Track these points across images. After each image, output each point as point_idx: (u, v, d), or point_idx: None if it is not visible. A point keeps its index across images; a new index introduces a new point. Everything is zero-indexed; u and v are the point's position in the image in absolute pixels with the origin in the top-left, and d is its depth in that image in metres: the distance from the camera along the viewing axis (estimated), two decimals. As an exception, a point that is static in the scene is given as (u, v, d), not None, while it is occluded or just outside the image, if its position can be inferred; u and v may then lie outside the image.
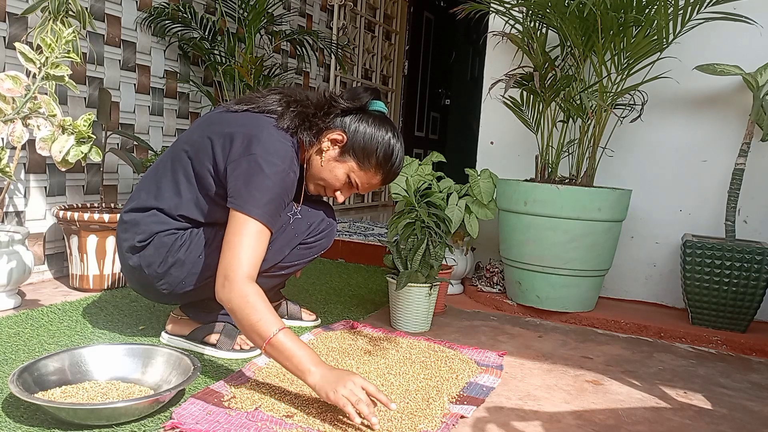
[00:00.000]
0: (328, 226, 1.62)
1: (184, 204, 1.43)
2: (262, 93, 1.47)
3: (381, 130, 1.45)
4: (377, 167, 1.46)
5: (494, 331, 1.97)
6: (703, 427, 1.32)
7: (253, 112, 1.41)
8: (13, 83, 1.50)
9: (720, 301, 1.98)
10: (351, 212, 4.43)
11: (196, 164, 1.41)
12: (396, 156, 1.48)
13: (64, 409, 1.11)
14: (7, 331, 1.62)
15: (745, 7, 2.01)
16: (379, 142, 1.44)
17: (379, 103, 1.51)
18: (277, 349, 1.19)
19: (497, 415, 1.31)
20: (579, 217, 2.04)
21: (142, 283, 1.51)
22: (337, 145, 1.45)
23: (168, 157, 1.48)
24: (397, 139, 1.47)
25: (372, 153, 1.44)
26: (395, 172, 1.51)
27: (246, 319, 1.21)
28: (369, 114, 1.47)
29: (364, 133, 1.44)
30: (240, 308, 1.22)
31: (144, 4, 2.58)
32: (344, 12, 4.18)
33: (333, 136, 1.43)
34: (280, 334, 1.19)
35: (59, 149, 1.53)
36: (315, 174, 1.49)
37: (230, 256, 1.26)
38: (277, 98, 1.44)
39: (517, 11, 2.24)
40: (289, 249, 1.53)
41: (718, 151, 2.23)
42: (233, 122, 1.40)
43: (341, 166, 1.46)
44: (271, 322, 1.20)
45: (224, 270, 1.25)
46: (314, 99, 1.46)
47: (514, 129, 2.50)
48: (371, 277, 2.64)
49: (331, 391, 1.15)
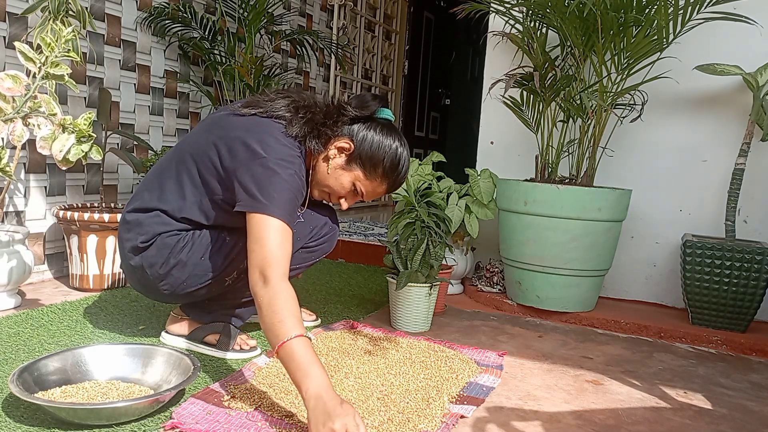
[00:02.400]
0: (330, 230, 1.62)
1: (187, 207, 1.43)
2: (270, 96, 1.44)
3: (388, 138, 1.44)
4: (383, 176, 1.45)
5: (494, 331, 1.97)
6: (703, 427, 1.32)
7: (260, 116, 1.39)
8: (13, 82, 1.50)
9: (720, 301, 1.98)
10: (351, 212, 4.43)
11: (201, 168, 1.40)
12: (402, 165, 1.47)
13: (64, 408, 1.11)
14: (7, 331, 1.62)
15: (745, 7, 2.01)
16: (386, 151, 1.43)
17: (386, 111, 1.50)
18: (288, 355, 1.13)
19: (497, 415, 1.31)
20: (579, 217, 2.04)
21: (143, 283, 1.51)
22: (344, 153, 1.43)
23: (172, 159, 1.46)
24: (404, 148, 1.46)
25: (379, 162, 1.43)
26: (400, 181, 1.50)
27: (270, 316, 1.17)
28: (377, 122, 1.45)
29: (371, 141, 1.42)
30: (269, 304, 1.18)
31: (144, 4, 2.58)
32: (344, 12, 4.18)
33: (340, 144, 1.42)
34: (296, 341, 1.13)
35: (60, 148, 1.53)
36: (321, 181, 1.47)
37: (264, 252, 1.22)
38: (285, 103, 1.41)
39: (517, 11, 2.24)
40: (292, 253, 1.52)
41: (718, 151, 2.23)
42: (240, 127, 1.37)
43: (347, 174, 1.45)
44: (293, 325, 1.15)
45: (260, 265, 1.21)
46: (322, 105, 1.44)
47: (514, 129, 2.50)
48: (371, 277, 2.64)
49: (321, 423, 1.05)
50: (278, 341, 1.14)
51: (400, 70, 5.16)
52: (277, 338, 1.14)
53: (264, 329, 1.19)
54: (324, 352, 1.59)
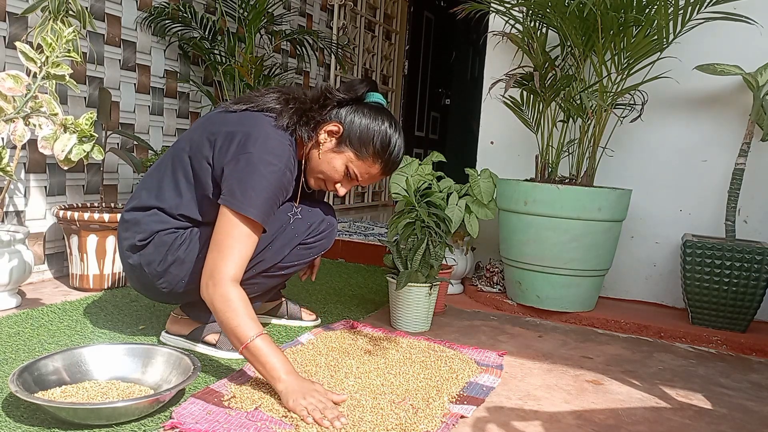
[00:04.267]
0: (329, 226, 1.61)
1: (184, 203, 1.44)
2: (261, 92, 1.48)
3: (377, 119, 1.45)
4: (375, 156, 1.46)
5: (494, 331, 1.98)
6: (703, 427, 1.33)
7: (252, 111, 1.42)
8: (14, 82, 1.50)
9: (720, 301, 1.98)
10: (351, 212, 4.43)
11: (195, 164, 1.42)
12: (394, 144, 1.47)
13: (64, 408, 1.11)
14: (8, 331, 1.62)
15: (745, 7, 2.01)
16: (375, 130, 1.44)
17: (376, 95, 1.52)
18: (252, 354, 1.24)
19: (497, 414, 1.31)
20: (579, 217, 2.04)
21: (142, 282, 1.52)
22: (333, 137, 1.45)
23: (169, 157, 1.49)
24: (394, 129, 1.47)
25: (369, 141, 1.44)
26: (394, 161, 1.50)
27: (227, 322, 1.26)
28: (365, 104, 1.48)
29: (360, 122, 1.44)
30: (222, 311, 1.26)
31: (144, 4, 2.58)
32: (344, 12, 4.18)
33: (329, 127, 1.44)
34: (258, 340, 1.23)
35: (61, 148, 1.54)
36: (314, 167, 1.49)
37: (217, 256, 1.29)
38: (275, 96, 1.45)
39: (517, 11, 2.24)
40: (289, 249, 1.52)
41: (718, 151, 2.23)
42: (232, 121, 1.41)
43: (339, 156, 1.46)
44: (250, 327, 1.24)
45: (210, 270, 1.29)
46: (311, 95, 1.47)
47: (514, 129, 2.50)
48: (371, 277, 2.64)
49: (291, 399, 1.19)
50: (241, 344, 1.24)
51: (400, 70, 5.16)
52: (239, 341, 1.25)
53: (225, 333, 1.29)
54: (324, 352, 1.59)
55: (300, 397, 1.19)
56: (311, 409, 1.17)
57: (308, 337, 1.71)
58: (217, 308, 1.27)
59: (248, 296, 1.53)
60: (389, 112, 1.50)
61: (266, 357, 1.23)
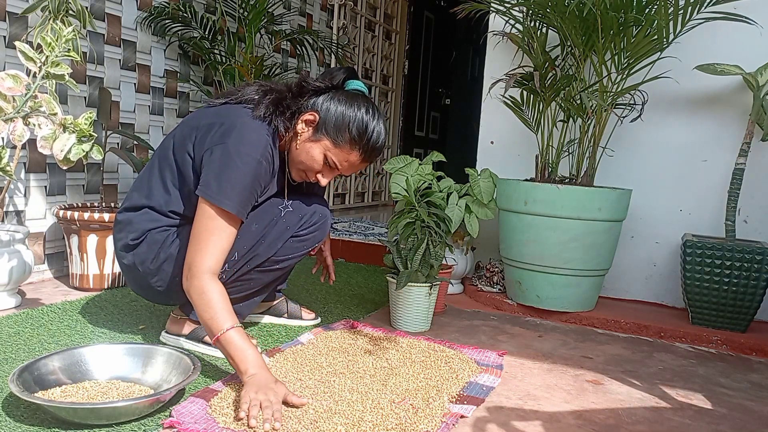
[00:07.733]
0: (321, 218, 1.58)
1: (173, 200, 1.46)
2: (242, 85, 1.51)
3: (353, 105, 1.44)
4: (352, 143, 1.44)
5: (494, 331, 1.98)
6: (703, 427, 1.33)
7: (231, 103, 1.45)
8: (14, 82, 1.50)
9: (720, 301, 1.98)
10: (351, 212, 4.43)
11: (178, 159, 1.44)
12: (371, 130, 1.45)
13: (64, 408, 1.11)
14: (8, 331, 1.62)
15: (745, 7, 2.01)
16: (351, 117, 1.43)
17: (356, 83, 1.51)
18: (223, 346, 1.25)
19: (497, 414, 1.31)
20: (579, 217, 2.04)
21: (138, 282, 1.53)
22: (310, 126, 1.45)
23: (156, 156, 1.51)
24: (372, 115, 1.45)
25: (344, 128, 1.43)
26: (374, 147, 1.48)
27: (201, 314, 1.28)
28: (342, 92, 1.47)
29: (335, 109, 1.43)
30: (198, 302, 1.29)
31: (144, 4, 2.58)
32: (344, 11, 4.18)
33: (306, 117, 1.44)
34: (230, 332, 1.25)
35: (61, 147, 1.54)
36: (294, 158, 1.49)
37: (195, 249, 1.31)
38: (255, 88, 1.47)
39: (517, 11, 2.24)
40: (282, 242, 1.51)
41: (718, 150, 2.23)
42: (211, 114, 1.43)
43: (316, 145, 1.45)
44: (224, 319, 1.26)
45: (188, 263, 1.32)
46: (288, 84, 1.48)
47: (514, 129, 2.50)
48: (371, 277, 2.64)
49: (245, 391, 1.20)
50: (213, 335, 1.26)
51: (400, 70, 5.16)
52: (212, 333, 1.26)
53: (202, 323, 1.30)
54: (324, 351, 1.59)
55: (252, 391, 1.18)
56: (253, 404, 1.16)
57: (308, 337, 1.71)
58: (194, 300, 1.29)
59: (246, 292, 1.55)
60: (368, 98, 1.49)
61: (236, 350, 1.24)
